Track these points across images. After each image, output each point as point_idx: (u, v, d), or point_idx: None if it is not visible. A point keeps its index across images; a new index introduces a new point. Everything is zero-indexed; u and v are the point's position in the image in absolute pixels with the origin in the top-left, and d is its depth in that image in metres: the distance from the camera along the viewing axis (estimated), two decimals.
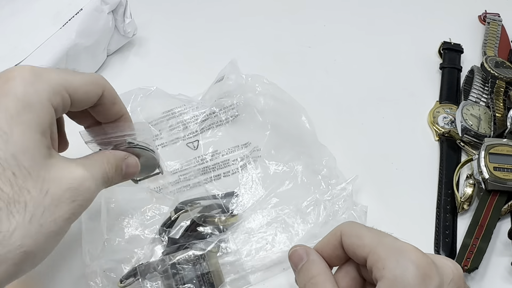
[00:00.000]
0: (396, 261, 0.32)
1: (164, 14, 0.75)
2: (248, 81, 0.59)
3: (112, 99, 0.40)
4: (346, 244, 0.36)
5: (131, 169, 0.41)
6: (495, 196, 0.54)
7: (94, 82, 0.38)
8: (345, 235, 0.36)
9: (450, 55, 0.69)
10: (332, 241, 0.37)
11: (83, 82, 0.37)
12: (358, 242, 0.35)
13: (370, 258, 0.33)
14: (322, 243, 0.38)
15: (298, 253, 0.38)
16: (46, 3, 0.62)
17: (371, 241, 0.34)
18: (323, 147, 0.57)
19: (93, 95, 0.38)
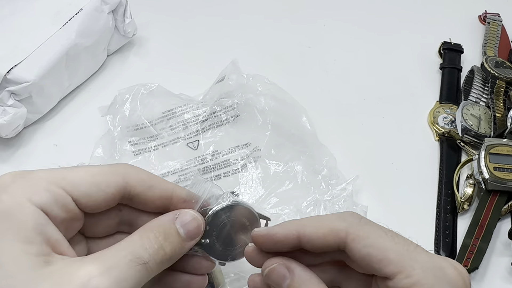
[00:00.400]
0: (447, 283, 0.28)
1: (164, 14, 0.75)
2: (249, 81, 0.59)
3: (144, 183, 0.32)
4: (361, 254, 0.29)
5: (191, 226, 0.32)
6: (495, 196, 0.54)
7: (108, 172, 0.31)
8: (358, 242, 0.30)
9: (450, 55, 0.69)
10: (328, 241, 0.31)
11: (90, 174, 0.31)
12: (380, 255, 0.29)
13: (402, 279, 0.28)
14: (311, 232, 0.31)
15: (277, 271, 0.32)
16: (46, 3, 0.62)
17: (400, 255, 0.29)
18: (323, 147, 0.57)
19: (107, 186, 0.31)
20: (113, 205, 0.32)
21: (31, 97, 0.58)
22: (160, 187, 0.33)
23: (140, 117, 0.57)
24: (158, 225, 0.31)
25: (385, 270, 0.29)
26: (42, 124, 0.62)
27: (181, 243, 0.32)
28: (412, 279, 0.28)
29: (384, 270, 0.29)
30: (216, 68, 0.61)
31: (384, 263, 0.29)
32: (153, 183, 0.33)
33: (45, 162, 0.58)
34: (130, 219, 0.34)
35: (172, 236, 0.31)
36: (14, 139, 0.60)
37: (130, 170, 0.32)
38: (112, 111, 0.58)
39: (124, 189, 0.32)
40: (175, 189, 0.33)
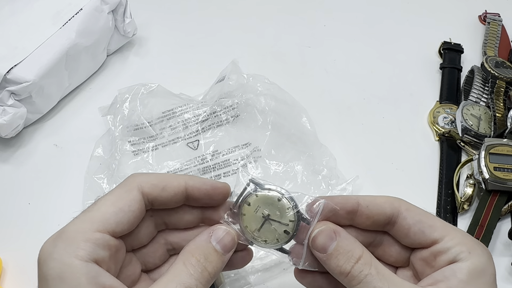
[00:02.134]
0: (481, 250, 0.33)
1: (164, 14, 0.75)
2: (249, 81, 0.59)
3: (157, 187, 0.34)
4: (413, 220, 0.34)
5: (226, 240, 0.34)
6: (495, 196, 0.54)
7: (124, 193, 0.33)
8: (411, 211, 0.34)
9: (450, 55, 0.69)
10: (385, 208, 0.34)
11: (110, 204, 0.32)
12: (430, 222, 0.34)
13: (447, 241, 0.33)
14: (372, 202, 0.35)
15: (326, 234, 0.33)
16: (46, 3, 0.62)
17: (444, 224, 0.34)
18: (323, 147, 0.57)
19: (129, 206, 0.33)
20: (143, 214, 0.34)
21: (31, 97, 0.58)
22: (172, 185, 0.34)
23: (140, 117, 0.57)
24: (196, 248, 0.34)
25: (434, 234, 0.34)
26: (42, 124, 0.62)
27: (220, 258, 0.34)
28: (456, 240, 0.33)
29: (433, 234, 0.34)
30: (216, 68, 0.61)
31: (434, 228, 0.34)
32: (164, 184, 0.34)
33: (45, 162, 0.59)
34: (163, 220, 0.36)
35: (212, 255, 0.34)
36: (14, 139, 0.60)
37: (141, 179, 0.34)
38: (112, 111, 0.58)
39: (143, 199, 0.34)
40: (187, 181, 0.35)
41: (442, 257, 0.33)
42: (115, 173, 0.54)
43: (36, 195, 0.56)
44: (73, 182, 0.56)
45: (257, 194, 0.35)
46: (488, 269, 0.33)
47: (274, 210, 0.35)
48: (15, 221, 0.54)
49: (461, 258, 0.32)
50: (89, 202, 0.53)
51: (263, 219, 0.35)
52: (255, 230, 0.35)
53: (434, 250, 0.34)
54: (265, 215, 0.35)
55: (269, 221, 0.35)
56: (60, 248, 0.31)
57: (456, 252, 0.33)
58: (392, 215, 0.35)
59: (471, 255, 0.32)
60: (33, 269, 0.51)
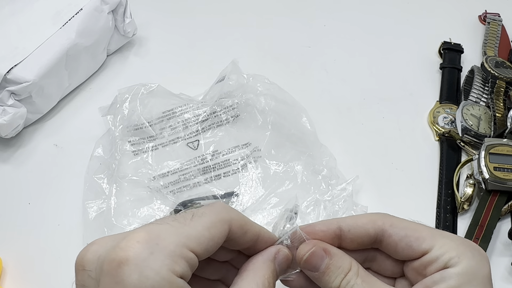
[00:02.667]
0: (471, 253, 0.33)
1: (164, 14, 0.75)
2: (249, 81, 0.59)
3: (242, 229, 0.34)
4: (399, 236, 0.34)
5: (284, 265, 0.35)
6: (495, 196, 0.54)
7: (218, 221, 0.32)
8: (395, 227, 0.34)
9: (450, 55, 0.69)
10: (368, 228, 0.34)
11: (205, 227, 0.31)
12: (416, 234, 0.34)
13: (435, 250, 0.33)
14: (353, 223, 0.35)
15: (316, 253, 0.34)
16: (46, 3, 0.62)
17: (431, 233, 0.34)
18: (323, 147, 0.57)
19: (219, 238, 0.32)
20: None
21: (31, 97, 0.58)
22: (252, 230, 0.34)
23: (140, 117, 0.57)
24: (266, 268, 0.34)
25: (422, 246, 0.33)
26: (42, 124, 0.62)
27: (275, 279, 0.34)
28: (445, 248, 0.32)
29: (422, 246, 0.33)
30: (216, 68, 0.61)
31: (421, 240, 0.33)
32: (248, 228, 0.34)
33: (45, 162, 0.59)
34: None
35: (274, 278, 0.34)
36: (14, 139, 0.60)
37: (233, 216, 0.33)
38: (112, 111, 0.58)
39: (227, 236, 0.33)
40: (261, 231, 0.35)
41: (433, 266, 0.33)
42: (115, 173, 0.54)
43: (36, 195, 0.56)
44: (73, 182, 0.56)
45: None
46: (480, 271, 0.32)
47: None
48: (15, 221, 0.54)
49: (451, 264, 0.32)
50: (89, 202, 0.53)
51: None
52: None
53: (423, 261, 0.33)
54: None
55: None
56: (158, 258, 0.28)
57: (446, 260, 0.32)
58: (376, 235, 0.34)
59: (461, 259, 0.32)
60: (33, 269, 0.51)
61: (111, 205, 0.52)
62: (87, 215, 0.52)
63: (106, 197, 0.53)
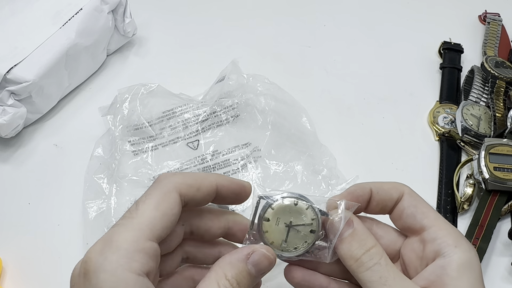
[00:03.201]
0: (467, 244, 0.34)
1: (164, 14, 0.75)
2: (249, 81, 0.59)
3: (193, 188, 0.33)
4: (409, 203, 0.36)
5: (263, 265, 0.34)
6: (495, 196, 0.54)
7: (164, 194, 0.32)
8: (411, 195, 0.36)
9: (450, 55, 0.69)
10: (392, 193, 0.36)
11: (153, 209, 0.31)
12: (424, 209, 0.35)
13: (435, 230, 0.34)
14: (382, 187, 0.37)
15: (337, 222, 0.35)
16: (46, 3, 0.62)
17: (437, 215, 0.35)
18: (323, 147, 0.57)
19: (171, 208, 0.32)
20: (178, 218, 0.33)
21: (31, 97, 0.58)
22: (205, 184, 0.34)
23: (140, 117, 0.57)
24: (231, 268, 0.32)
25: (424, 221, 0.35)
26: (42, 124, 0.62)
27: (253, 280, 0.33)
28: (443, 232, 0.34)
29: (423, 221, 0.35)
30: (216, 68, 0.61)
31: (425, 215, 0.35)
32: (199, 184, 0.34)
33: (45, 162, 0.59)
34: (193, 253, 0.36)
35: (246, 278, 0.33)
36: (14, 139, 0.60)
37: (176, 180, 0.33)
38: (112, 111, 0.58)
39: (182, 201, 0.33)
40: (217, 180, 0.35)
41: (429, 247, 0.34)
42: (115, 173, 0.54)
43: (36, 195, 0.56)
44: (73, 182, 0.56)
45: (273, 207, 0.35)
46: (475, 264, 0.33)
47: (295, 215, 0.35)
48: (15, 221, 0.54)
49: (447, 252, 0.33)
50: (89, 202, 0.53)
51: (287, 228, 0.35)
52: (282, 242, 0.35)
53: (422, 238, 0.35)
54: (288, 224, 0.35)
55: (293, 227, 0.35)
56: (111, 259, 0.29)
57: (442, 244, 0.33)
58: (397, 199, 0.36)
59: (458, 249, 0.33)
60: (33, 269, 0.51)
61: (111, 205, 0.52)
62: (87, 215, 0.52)
63: (106, 197, 0.53)
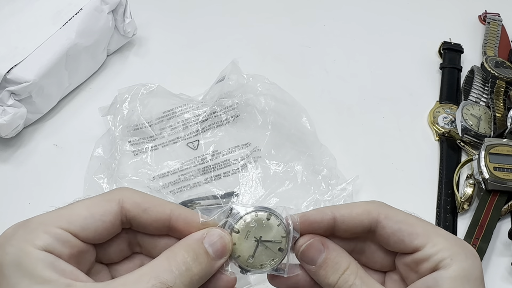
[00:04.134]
0: (464, 254, 0.32)
1: (164, 14, 0.75)
2: (249, 81, 0.59)
3: (139, 207, 0.32)
4: (392, 229, 0.33)
5: (219, 245, 0.32)
6: (495, 196, 0.54)
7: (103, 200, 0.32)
8: (390, 219, 0.33)
9: (450, 55, 0.69)
10: (362, 219, 0.33)
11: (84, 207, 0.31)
12: (409, 229, 0.33)
13: (428, 248, 0.32)
14: (348, 215, 0.33)
15: (314, 246, 0.33)
16: (46, 3, 0.62)
17: (426, 229, 0.33)
18: (323, 147, 0.57)
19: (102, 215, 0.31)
20: (118, 231, 0.33)
21: (31, 97, 0.58)
22: (156, 209, 0.32)
23: (140, 118, 0.57)
24: (186, 246, 0.31)
25: (415, 242, 0.32)
26: (42, 124, 0.62)
27: (210, 263, 0.32)
28: (438, 247, 0.32)
29: (414, 243, 0.32)
30: (216, 68, 0.61)
31: (414, 236, 0.32)
32: (148, 206, 0.32)
33: (45, 162, 0.59)
34: (138, 241, 0.34)
35: (201, 256, 0.31)
36: (14, 139, 0.60)
37: (125, 193, 0.32)
38: (112, 111, 0.58)
39: (121, 215, 0.32)
40: (174, 210, 0.33)
41: (424, 265, 0.32)
42: (115, 173, 0.54)
43: (36, 195, 0.56)
44: (73, 182, 0.56)
45: (245, 219, 0.33)
46: (473, 273, 0.32)
47: (265, 230, 0.33)
48: (15, 221, 0.54)
49: (443, 265, 0.31)
50: None
51: (255, 243, 0.33)
52: (249, 257, 0.33)
53: (415, 258, 0.33)
54: (257, 238, 0.33)
55: (262, 243, 0.33)
56: (19, 235, 0.30)
57: (438, 260, 0.31)
58: (370, 225, 0.33)
59: (454, 261, 0.31)
60: None
61: None
62: None
63: None
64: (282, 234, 0.33)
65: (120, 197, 0.32)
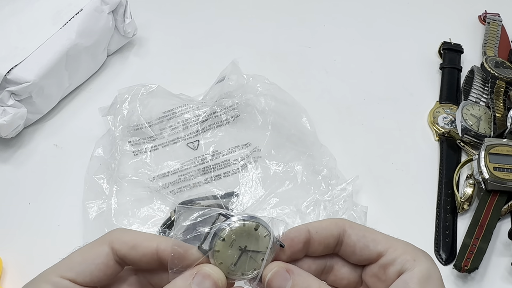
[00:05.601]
0: (423, 256, 0.34)
1: (164, 14, 0.75)
2: (249, 81, 0.59)
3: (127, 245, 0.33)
4: (357, 236, 0.35)
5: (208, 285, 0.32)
6: (495, 196, 0.54)
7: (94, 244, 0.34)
8: (355, 228, 0.35)
9: (450, 55, 0.69)
10: (332, 230, 0.35)
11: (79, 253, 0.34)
12: (373, 236, 0.35)
13: (391, 252, 0.34)
14: (320, 226, 0.35)
15: (280, 274, 0.33)
16: (46, 3, 0.62)
17: (386, 237, 0.35)
18: (323, 148, 0.57)
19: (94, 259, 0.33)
20: (117, 270, 0.34)
21: (31, 97, 0.58)
22: (143, 245, 0.33)
23: (139, 118, 0.57)
24: None
25: (378, 247, 0.34)
26: (42, 124, 0.62)
27: None
28: (399, 250, 0.34)
29: (377, 247, 0.34)
30: (216, 68, 0.61)
31: (377, 242, 0.34)
32: (135, 243, 0.33)
33: (45, 162, 0.59)
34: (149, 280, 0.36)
35: None
36: (14, 139, 0.60)
37: (115, 234, 0.34)
38: (112, 111, 0.59)
39: (113, 255, 0.33)
40: (160, 243, 0.33)
41: (391, 269, 0.33)
42: (115, 173, 0.54)
43: (36, 195, 0.56)
44: (73, 182, 0.56)
45: (232, 227, 0.33)
46: (434, 273, 0.33)
47: (251, 239, 0.33)
48: (15, 221, 0.54)
49: (408, 267, 0.33)
50: (89, 202, 0.53)
51: (239, 252, 0.33)
52: (231, 264, 0.33)
53: (381, 263, 0.34)
54: (242, 248, 0.33)
55: (246, 252, 0.33)
56: (26, 286, 0.33)
57: (402, 262, 0.33)
58: (339, 234, 0.35)
59: (417, 262, 0.33)
60: (33, 269, 0.51)
61: (112, 205, 0.52)
62: (87, 215, 0.52)
63: (106, 197, 0.53)
64: (268, 246, 0.33)
65: (110, 238, 0.34)
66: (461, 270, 0.49)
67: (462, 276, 0.51)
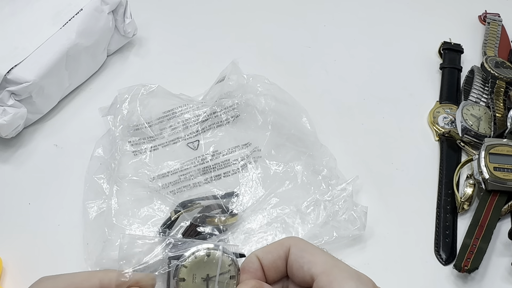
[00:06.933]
0: (360, 282, 0.32)
1: (164, 14, 0.75)
2: (249, 81, 0.59)
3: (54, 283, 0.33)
4: (295, 256, 0.34)
5: None
6: (495, 196, 0.54)
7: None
8: (296, 247, 0.34)
9: (450, 55, 0.69)
10: (278, 251, 0.34)
11: None
12: (310, 257, 0.33)
13: (323, 277, 0.32)
14: (267, 251, 0.35)
15: None
16: (46, 3, 0.62)
17: (325, 260, 0.33)
18: (323, 148, 0.57)
19: None
20: None
21: (31, 97, 0.58)
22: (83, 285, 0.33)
23: (139, 118, 0.57)
24: None
25: (312, 270, 0.33)
26: (42, 124, 0.62)
27: None
28: (330, 277, 0.32)
29: (311, 270, 0.33)
30: (216, 68, 0.61)
31: (312, 264, 0.33)
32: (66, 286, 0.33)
33: (45, 162, 0.59)
34: None
35: None
36: (14, 139, 0.60)
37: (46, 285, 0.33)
38: (112, 111, 0.59)
39: None
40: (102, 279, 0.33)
41: None
42: (115, 173, 0.54)
43: (36, 195, 0.56)
44: (73, 182, 0.56)
45: (185, 265, 0.33)
46: None
47: (209, 266, 0.33)
48: (15, 221, 0.54)
49: None
50: (89, 202, 0.53)
51: (205, 283, 0.33)
52: None
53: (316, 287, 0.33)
54: (205, 278, 0.33)
55: (211, 280, 0.33)
56: None
57: None
58: (286, 256, 0.34)
59: None
60: (33, 269, 0.51)
61: (112, 205, 0.52)
62: (87, 215, 0.52)
63: (106, 197, 0.53)
64: (229, 263, 0.33)
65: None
66: (461, 270, 0.49)
67: (462, 276, 0.51)
